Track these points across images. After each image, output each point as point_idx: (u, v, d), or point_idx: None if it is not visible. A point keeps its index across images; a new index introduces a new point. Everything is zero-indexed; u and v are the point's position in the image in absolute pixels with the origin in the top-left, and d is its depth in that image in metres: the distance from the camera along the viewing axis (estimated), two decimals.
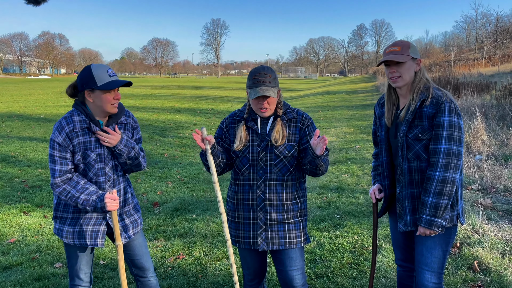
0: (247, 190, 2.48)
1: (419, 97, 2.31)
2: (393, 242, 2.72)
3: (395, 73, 2.34)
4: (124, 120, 2.54)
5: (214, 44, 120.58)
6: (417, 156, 2.32)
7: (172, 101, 23.75)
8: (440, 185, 2.21)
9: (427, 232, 2.29)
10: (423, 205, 2.27)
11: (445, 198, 2.22)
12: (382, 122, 2.53)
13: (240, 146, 2.47)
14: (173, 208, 5.77)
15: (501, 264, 3.72)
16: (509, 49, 37.73)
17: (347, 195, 6.12)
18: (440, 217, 2.24)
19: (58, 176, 2.35)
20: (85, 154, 2.38)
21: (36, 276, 3.83)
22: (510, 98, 11.74)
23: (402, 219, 2.41)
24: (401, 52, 2.32)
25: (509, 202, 5.27)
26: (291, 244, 2.48)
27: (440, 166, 2.21)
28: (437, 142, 2.24)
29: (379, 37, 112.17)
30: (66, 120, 2.38)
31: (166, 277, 3.81)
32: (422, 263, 2.39)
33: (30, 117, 15.59)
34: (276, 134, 2.43)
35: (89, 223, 2.46)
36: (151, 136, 12.04)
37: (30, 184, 6.97)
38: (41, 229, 5.04)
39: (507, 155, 7.30)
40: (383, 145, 2.51)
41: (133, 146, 2.49)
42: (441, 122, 2.23)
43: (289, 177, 2.48)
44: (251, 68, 2.71)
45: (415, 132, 2.31)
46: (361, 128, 12.50)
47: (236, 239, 2.55)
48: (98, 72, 2.31)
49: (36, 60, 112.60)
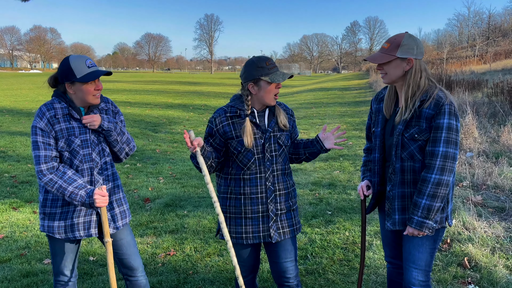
0: (254, 184, 2.45)
1: (420, 97, 2.26)
2: (383, 240, 2.72)
3: (381, 70, 2.34)
4: (104, 106, 2.53)
5: (207, 40, 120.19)
6: (411, 156, 2.30)
7: (165, 97, 23.62)
8: (435, 187, 2.20)
9: (416, 233, 2.28)
10: (416, 206, 2.25)
11: (438, 201, 2.21)
12: (379, 118, 2.50)
13: (249, 143, 2.42)
14: (165, 204, 5.74)
15: (491, 260, 3.74)
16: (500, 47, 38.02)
17: (339, 191, 6.12)
18: (432, 219, 2.24)
19: (44, 162, 2.30)
20: (69, 140, 2.35)
21: (24, 272, 3.79)
22: (501, 95, 11.81)
23: (390, 218, 2.40)
24: (387, 50, 2.28)
25: (499, 199, 5.31)
26: (295, 231, 2.56)
27: (436, 168, 2.19)
28: (435, 144, 2.21)
29: (372, 34, 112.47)
30: (47, 106, 2.35)
31: (156, 273, 3.78)
32: (409, 261, 2.39)
33: (20, 112, 15.42)
34: (282, 118, 2.51)
35: (79, 214, 2.42)
36: (143, 131, 11.96)
37: (19, 180, 6.89)
38: (30, 225, 4.98)
39: (498, 152, 7.35)
40: (378, 142, 2.48)
41: (115, 121, 2.49)
42: (440, 124, 2.20)
43: (287, 165, 2.58)
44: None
45: (411, 132, 2.28)
46: (353, 124, 12.52)
47: (243, 235, 2.48)
48: (76, 64, 2.28)
49: (27, 55, 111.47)
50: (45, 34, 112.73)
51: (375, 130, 2.52)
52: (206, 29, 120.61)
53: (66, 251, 2.50)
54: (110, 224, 2.48)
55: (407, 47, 2.26)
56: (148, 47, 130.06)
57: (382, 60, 2.28)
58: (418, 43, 2.29)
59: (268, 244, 2.54)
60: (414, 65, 2.28)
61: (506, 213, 4.85)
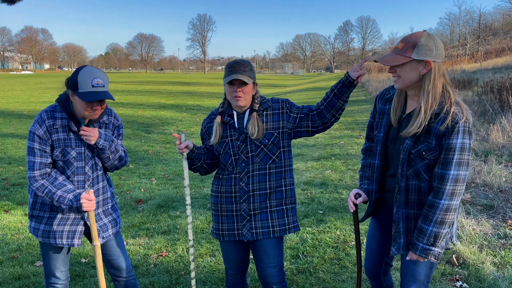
0: (229, 183, 2.51)
1: (433, 110, 2.00)
2: (366, 249, 2.56)
3: (394, 73, 2.07)
4: (106, 120, 2.53)
5: (200, 40, 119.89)
6: (417, 174, 2.09)
7: (157, 97, 23.56)
8: (444, 213, 2.01)
9: (421, 259, 2.12)
10: (421, 233, 2.07)
11: (446, 227, 2.04)
12: (383, 122, 2.27)
13: (215, 140, 2.50)
14: (157, 205, 5.75)
15: (478, 258, 3.80)
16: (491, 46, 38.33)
17: (330, 190, 6.17)
18: (438, 246, 2.07)
19: (38, 168, 2.32)
20: (64, 151, 2.36)
21: (16, 275, 3.79)
22: (491, 94, 11.94)
23: (396, 242, 2.20)
24: (402, 51, 2.01)
25: (488, 196, 5.38)
26: (274, 233, 2.50)
27: (446, 194, 1.99)
28: (445, 167, 1.99)
29: (364, 33, 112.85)
30: (47, 114, 2.35)
31: (148, 274, 3.79)
32: (408, 275, 2.26)
33: (12, 114, 15.31)
34: (251, 128, 2.45)
35: (66, 223, 2.44)
36: (136, 132, 11.94)
37: (11, 182, 6.86)
38: (21, 228, 4.97)
39: (487, 150, 7.44)
40: (379, 148, 2.28)
41: (112, 139, 2.48)
42: (452, 145, 1.96)
43: (272, 165, 2.49)
44: None
45: (418, 148, 2.05)
46: (345, 124, 12.59)
47: (219, 232, 2.57)
48: (83, 79, 2.25)
49: (18, 55, 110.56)
50: (37, 35, 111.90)
51: (377, 134, 2.32)
52: (199, 29, 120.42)
53: (57, 253, 2.51)
54: (100, 234, 2.50)
55: (425, 48, 1.99)
56: (141, 47, 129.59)
57: (395, 62, 2.01)
58: (437, 44, 2.02)
59: (252, 246, 2.56)
60: (433, 69, 2.01)
61: (494, 211, 4.92)
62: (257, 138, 2.45)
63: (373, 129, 2.46)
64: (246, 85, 2.41)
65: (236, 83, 2.40)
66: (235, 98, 2.41)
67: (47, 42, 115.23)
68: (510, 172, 6.12)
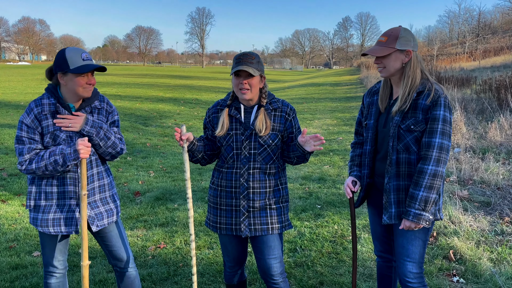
0: (230, 178, 2.49)
1: (415, 90, 2.28)
2: (372, 234, 2.72)
3: (379, 64, 2.34)
4: (98, 105, 2.50)
5: (199, 33, 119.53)
6: (407, 147, 2.30)
7: (155, 90, 23.48)
8: (432, 179, 2.20)
9: (413, 226, 2.26)
10: (412, 199, 2.25)
11: (434, 192, 2.22)
12: (372, 111, 2.49)
13: (222, 132, 2.47)
14: (155, 197, 5.75)
15: (475, 253, 3.82)
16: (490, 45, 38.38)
17: (328, 185, 6.18)
18: (428, 211, 2.24)
19: (27, 152, 2.31)
20: (54, 135, 2.35)
21: (13, 264, 3.78)
22: (489, 92, 11.97)
23: (387, 211, 2.37)
24: (386, 43, 2.29)
25: (485, 193, 5.40)
26: (273, 230, 2.51)
27: (433, 160, 2.20)
28: (431, 135, 2.23)
29: (364, 29, 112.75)
30: (35, 102, 2.37)
31: (146, 266, 3.80)
32: (403, 254, 2.38)
33: (9, 104, 15.22)
34: (259, 124, 2.43)
35: (62, 209, 2.42)
36: (134, 125, 11.91)
37: (8, 172, 6.83)
38: (19, 218, 4.96)
39: (485, 148, 7.47)
40: (370, 134, 2.47)
41: (100, 126, 2.42)
42: (436, 116, 2.22)
43: (272, 165, 2.51)
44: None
45: (407, 123, 2.28)
46: (344, 120, 12.60)
47: (217, 225, 2.56)
48: (72, 55, 2.29)
49: (15, 46, 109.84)
50: (34, 25, 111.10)
51: (367, 122, 2.51)
52: (198, 22, 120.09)
53: (55, 242, 2.50)
54: (94, 221, 2.46)
55: (405, 39, 2.28)
56: (139, 40, 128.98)
57: (383, 53, 2.28)
58: (413, 36, 2.33)
59: (252, 239, 2.56)
60: (413, 57, 2.31)
61: (492, 208, 4.94)
62: (264, 135, 2.44)
63: (361, 124, 2.66)
64: (253, 77, 2.38)
65: (242, 75, 2.37)
66: (241, 91, 2.39)
67: (45, 33, 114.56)
68: (507, 170, 6.15)
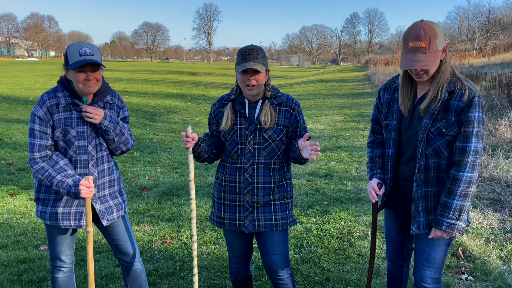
0: (234, 173, 2.47)
1: (446, 88, 2.07)
2: (386, 237, 2.59)
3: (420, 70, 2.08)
4: (110, 100, 2.50)
5: (206, 30, 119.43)
6: (437, 152, 2.13)
7: (162, 86, 23.53)
8: (467, 186, 2.05)
9: (445, 236, 2.12)
10: (446, 208, 2.09)
11: (469, 200, 2.08)
12: (394, 110, 2.28)
13: (226, 127, 2.46)
14: (162, 192, 5.75)
15: (484, 251, 3.77)
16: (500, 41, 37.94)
17: (335, 182, 6.14)
18: (462, 219, 2.09)
19: (37, 150, 2.31)
20: (65, 130, 2.34)
21: (21, 258, 3.81)
22: (499, 89, 11.83)
23: (415, 221, 2.21)
24: (429, 49, 2.00)
25: (494, 191, 5.34)
26: (277, 226, 2.48)
27: (469, 166, 2.04)
28: (466, 139, 2.05)
29: (372, 26, 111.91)
30: (48, 95, 2.35)
31: (153, 260, 3.80)
32: (423, 260, 2.26)
33: (17, 100, 15.34)
34: (264, 117, 2.41)
35: (72, 204, 2.42)
36: (141, 121, 11.94)
37: (16, 167, 6.88)
38: (27, 212, 4.99)
39: (495, 145, 7.38)
40: (393, 136, 2.27)
41: (117, 121, 2.45)
42: (471, 118, 2.03)
43: (276, 160, 2.48)
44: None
45: (438, 126, 2.10)
46: (351, 116, 12.53)
47: (221, 221, 2.55)
48: (71, 50, 2.26)
49: (24, 42, 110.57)
50: (43, 21, 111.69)
51: (389, 123, 2.31)
52: (205, 18, 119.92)
53: (63, 237, 2.51)
54: (104, 216, 2.47)
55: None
56: (146, 36, 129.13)
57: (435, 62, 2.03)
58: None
59: (257, 235, 2.55)
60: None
61: (501, 205, 4.88)
62: (269, 129, 2.42)
63: (378, 122, 2.48)
64: (259, 73, 2.36)
65: (249, 71, 2.35)
66: (248, 87, 2.38)
67: (53, 29, 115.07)
68: None
